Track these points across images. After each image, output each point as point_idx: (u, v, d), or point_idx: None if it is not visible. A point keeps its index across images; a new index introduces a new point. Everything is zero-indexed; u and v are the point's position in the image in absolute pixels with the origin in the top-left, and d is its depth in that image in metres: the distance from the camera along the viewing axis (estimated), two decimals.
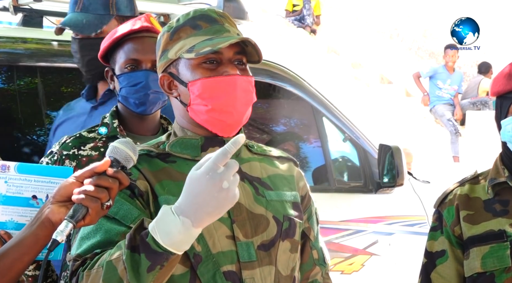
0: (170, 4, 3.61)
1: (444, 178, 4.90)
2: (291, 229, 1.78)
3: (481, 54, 11.43)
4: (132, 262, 1.48)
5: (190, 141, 1.75)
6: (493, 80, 2.17)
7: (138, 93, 2.39)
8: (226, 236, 1.68)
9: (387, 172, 4.06)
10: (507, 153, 2.15)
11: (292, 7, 12.69)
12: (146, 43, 2.41)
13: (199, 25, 1.74)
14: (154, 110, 2.43)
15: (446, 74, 10.19)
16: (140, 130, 2.47)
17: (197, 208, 1.45)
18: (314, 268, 1.88)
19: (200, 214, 1.45)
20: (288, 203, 1.81)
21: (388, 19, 13.25)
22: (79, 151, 2.39)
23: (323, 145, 4.16)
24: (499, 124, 2.14)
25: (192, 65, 1.71)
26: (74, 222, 1.47)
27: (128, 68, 2.41)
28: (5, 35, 3.11)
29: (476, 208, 2.14)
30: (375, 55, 12.62)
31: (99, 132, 2.43)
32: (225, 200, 1.44)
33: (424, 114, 10.96)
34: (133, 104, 2.41)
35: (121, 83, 2.41)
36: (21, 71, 3.08)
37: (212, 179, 1.44)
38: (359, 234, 4.10)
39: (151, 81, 2.39)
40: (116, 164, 1.52)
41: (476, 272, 2.09)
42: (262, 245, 1.71)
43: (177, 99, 1.76)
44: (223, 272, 1.65)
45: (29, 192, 1.78)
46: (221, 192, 1.44)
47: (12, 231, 1.77)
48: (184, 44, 1.73)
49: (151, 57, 2.40)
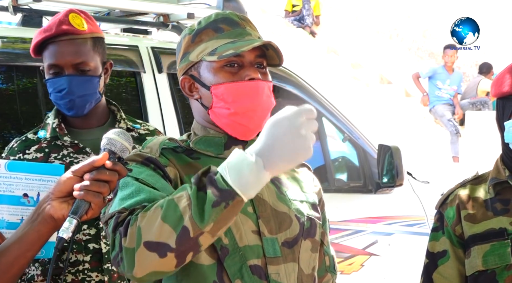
0: (170, 4, 3.61)
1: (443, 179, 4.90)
2: (312, 228, 1.80)
3: (481, 54, 11.43)
4: (198, 198, 1.46)
5: (214, 139, 1.76)
6: (495, 81, 2.16)
7: (64, 99, 2.37)
8: (252, 231, 1.68)
9: (387, 172, 4.06)
10: (509, 154, 2.15)
11: (291, 7, 12.69)
12: (63, 47, 2.37)
13: (221, 28, 1.75)
14: (86, 111, 2.40)
15: (445, 74, 10.19)
16: (84, 125, 2.46)
17: (271, 150, 1.44)
18: (326, 275, 1.90)
19: (274, 156, 1.44)
20: (308, 204, 1.83)
21: (388, 19, 13.25)
22: (24, 155, 2.37)
23: (322, 145, 4.16)
24: (500, 125, 2.14)
25: (214, 68, 1.72)
26: (78, 218, 1.47)
27: (51, 74, 2.38)
28: (5, 35, 3.10)
29: (477, 207, 2.14)
30: (375, 55, 12.61)
31: (38, 136, 2.42)
32: (300, 148, 1.43)
33: (423, 114, 10.96)
34: (64, 108, 2.40)
35: (48, 88, 2.40)
36: (21, 71, 3.08)
37: (292, 124, 1.43)
38: (359, 234, 4.10)
39: (75, 86, 2.35)
40: (112, 156, 1.52)
41: (477, 270, 2.09)
42: (286, 242, 1.72)
43: (198, 101, 1.77)
44: (249, 265, 1.66)
45: (20, 190, 1.77)
46: (298, 138, 1.43)
47: (3, 230, 1.76)
48: (206, 46, 1.73)
49: (72, 61, 2.36)
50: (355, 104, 10.15)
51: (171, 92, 3.35)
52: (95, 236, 2.36)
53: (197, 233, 1.46)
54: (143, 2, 3.51)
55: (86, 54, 2.39)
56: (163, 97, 3.31)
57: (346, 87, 11.18)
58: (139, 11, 3.60)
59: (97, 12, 3.58)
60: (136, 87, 3.29)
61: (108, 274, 2.37)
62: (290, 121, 1.44)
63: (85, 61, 2.38)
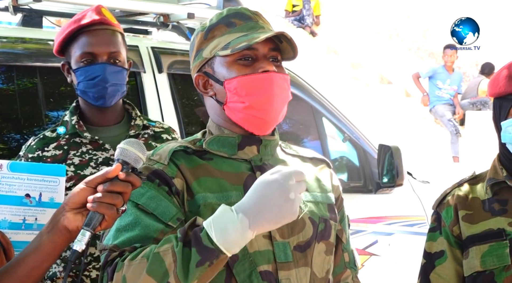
0: (170, 4, 3.61)
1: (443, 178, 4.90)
2: (326, 231, 1.78)
3: (481, 54, 11.43)
4: (183, 255, 1.46)
5: (227, 139, 1.74)
6: (491, 81, 2.17)
7: (96, 86, 2.38)
8: (263, 236, 1.66)
9: (387, 172, 4.06)
10: (506, 154, 2.14)
11: (291, 7, 12.69)
12: (100, 36, 2.40)
13: (233, 23, 1.73)
14: (114, 102, 2.43)
15: (445, 74, 10.19)
16: (102, 122, 2.48)
17: (258, 211, 1.44)
18: (345, 271, 1.88)
19: (260, 217, 1.44)
20: (323, 205, 1.80)
21: (388, 19, 13.25)
22: (43, 152, 2.39)
23: (323, 145, 4.16)
24: (497, 125, 2.14)
25: (228, 62, 1.71)
26: (92, 230, 1.47)
27: (84, 62, 2.39)
28: (5, 35, 3.10)
29: (475, 207, 2.14)
30: (375, 55, 12.61)
31: (57, 132, 2.44)
32: (287, 211, 1.44)
33: (423, 114, 10.96)
34: (92, 97, 2.41)
35: (78, 77, 2.40)
36: (21, 71, 3.08)
37: (282, 187, 1.44)
38: (359, 234, 4.10)
39: (109, 74, 2.38)
40: (126, 167, 1.51)
41: (475, 271, 2.09)
42: (298, 246, 1.70)
43: (212, 98, 1.75)
44: (259, 271, 1.64)
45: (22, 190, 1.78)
46: (286, 202, 1.44)
47: (6, 230, 1.76)
48: (219, 42, 1.72)
49: (107, 50, 2.39)
50: (355, 104, 10.15)
51: (171, 92, 3.35)
52: None
53: None
54: (143, 2, 3.51)
55: (118, 45, 2.43)
56: (163, 97, 3.31)
57: (346, 87, 11.18)
58: (139, 11, 3.60)
59: None
60: (136, 87, 3.29)
61: None
62: (280, 184, 1.44)
63: (119, 51, 2.42)
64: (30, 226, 1.80)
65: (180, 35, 3.78)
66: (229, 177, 1.69)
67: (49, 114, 3.10)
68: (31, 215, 1.79)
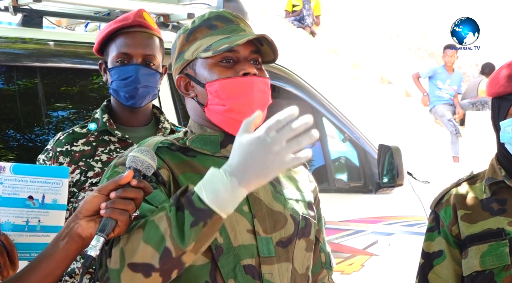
0: (170, 4, 3.62)
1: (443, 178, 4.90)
2: (307, 228, 1.80)
3: (481, 54, 11.43)
4: (177, 219, 1.48)
5: (210, 137, 1.77)
6: (490, 81, 2.16)
7: (128, 86, 2.43)
8: (247, 230, 1.69)
9: (387, 172, 4.06)
10: (504, 154, 2.14)
11: (291, 7, 12.69)
12: (137, 38, 2.45)
13: (215, 25, 1.76)
14: (144, 103, 2.48)
15: (445, 74, 10.19)
16: (132, 122, 2.52)
17: (245, 168, 1.45)
18: (322, 271, 1.91)
19: (248, 174, 1.45)
20: (303, 203, 1.83)
21: (388, 19, 13.25)
22: (72, 147, 2.43)
23: (323, 145, 4.16)
24: (496, 124, 2.14)
25: (209, 65, 1.73)
26: (105, 236, 1.50)
27: (119, 62, 2.44)
28: (5, 35, 3.10)
29: (474, 207, 2.14)
30: (375, 55, 12.61)
31: (89, 128, 2.48)
32: (273, 164, 1.44)
33: (424, 114, 10.96)
34: (123, 97, 2.45)
35: (112, 76, 2.45)
36: (21, 71, 3.08)
37: (263, 142, 1.44)
38: (359, 234, 4.10)
39: (141, 75, 2.43)
40: (137, 174, 1.54)
41: (475, 271, 2.09)
42: (280, 242, 1.73)
43: (193, 99, 1.78)
44: (243, 265, 1.66)
45: (25, 192, 1.78)
46: (270, 155, 1.43)
47: (9, 232, 1.77)
48: (200, 44, 1.74)
49: (142, 52, 2.44)
50: (355, 104, 10.14)
51: (171, 92, 3.36)
52: None
53: (179, 253, 1.48)
54: (143, 2, 3.51)
55: (155, 49, 2.49)
56: (163, 97, 3.31)
57: (346, 87, 11.18)
58: None
59: (97, 12, 3.59)
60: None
61: None
62: (260, 140, 1.44)
63: (154, 55, 2.48)
64: (33, 228, 1.80)
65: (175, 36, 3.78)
66: None
67: (49, 114, 3.10)
68: (34, 217, 1.80)
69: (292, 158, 1.43)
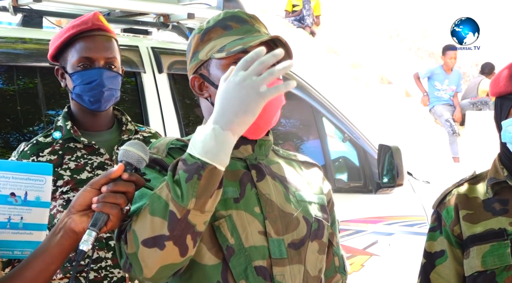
0: (170, 4, 3.62)
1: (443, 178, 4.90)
2: (319, 230, 1.79)
3: (481, 54, 11.43)
4: (174, 181, 1.49)
5: None
6: (493, 81, 2.17)
7: (93, 90, 2.42)
8: (258, 232, 1.68)
9: (387, 172, 4.06)
10: (506, 154, 2.14)
11: (291, 7, 12.69)
12: (98, 42, 2.44)
13: (229, 26, 1.76)
14: (108, 106, 2.47)
15: (443, 75, 10.16)
16: (95, 127, 2.51)
17: (223, 111, 1.46)
18: (336, 275, 1.90)
19: (227, 115, 1.46)
20: (316, 205, 1.83)
21: (388, 19, 13.25)
22: (38, 157, 2.41)
23: (323, 145, 4.16)
24: (499, 124, 2.14)
25: (223, 65, 1.72)
26: (97, 230, 1.50)
27: (81, 66, 2.43)
28: (5, 35, 3.10)
29: (476, 207, 2.14)
30: (375, 55, 12.61)
31: (53, 137, 2.46)
32: (247, 97, 1.45)
33: (423, 114, 10.95)
34: (88, 101, 2.44)
35: (75, 81, 2.43)
36: (21, 71, 3.08)
37: (232, 82, 1.46)
38: (359, 235, 4.10)
39: (105, 78, 2.42)
40: (129, 167, 1.54)
41: (476, 271, 2.09)
42: (292, 244, 1.72)
43: (207, 100, 1.77)
44: (254, 267, 1.66)
45: (7, 189, 1.76)
46: (242, 91, 1.44)
47: None
48: (215, 44, 1.74)
49: (104, 55, 2.44)
50: (355, 104, 10.14)
51: (171, 92, 3.36)
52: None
53: (183, 212, 1.48)
54: (143, 2, 3.51)
55: (115, 51, 2.48)
56: (163, 97, 3.31)
57: (346, 87, 11.18)
58: (139, 11, 3.60)
59: None
60: (137, 87, 3.29)
61: None
62: (230, 81, 1.47)
63: (115, 57, 2.47)
64: (16, 225, 1.78)
65: (180, 35, 3.78)
66: (225, 174, 1.70)
67: (49, 114, 3.10)
68: (16, 214, 1.78)
69: (268, 89, 1.44)
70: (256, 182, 1.74)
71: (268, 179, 1.76)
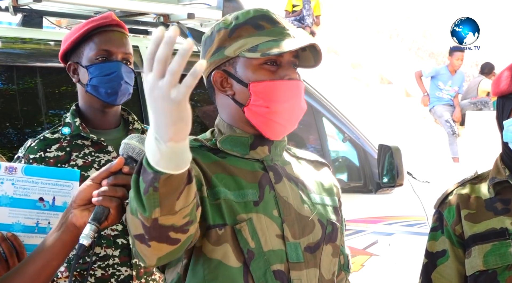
0: (170, 4, 3.62)
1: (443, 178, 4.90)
2: (333, 233, 1.79)
3: (481, 54, 11.43)
4: (136, 187, 1.40)
5: (240, 139, 1.74)
6: (495, 80, 2.17)
7: (111, 82, 2.42)
8: (276, 235, 1.68)
9: (387, 172, 4.06)
10: (508, 153, 2.14)
11: (291, 7, 12.68)
12: (117, 36, 2.47)
13: (261, 25, 1.72)
14: (123, 101, 2.48)
15: (448, 75, 10.16)
16: (103, 125, 2.51)
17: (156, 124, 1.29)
18: (340, 273, 1.89)
19: (162, 128, 1.28)
20: (329, 207, 1.82)
21: (388, 19, 13.25)
22: (46, 153, 2.41)
23: (323, 145, 4.16)
24: (500, 124, 2.14)
25: (254, 65, 1.70)
26: (98, 224, 1.50)
27: (99, 58, 2.44)
28: (5, 35, 3.10)
29: (477, 207, 2.14)
30: (375, 55, 12.62)
31: (62, 132, 2.45)
32: (164, 108, 1.26)
33: (424, 114, 10.96)
34: (104, 93, 2.44)
35: (92, 73, 2.43)
36: (21, 71, 3.08)
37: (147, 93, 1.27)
38: (359, 234, 4.10)
39: (124, 72, 2.44)
40: (130, 161, 1.54)
41: (478, 270, 2.09)
42: (308, 247, 1.72)
43: (229, 97, 1.73)
44: (273, 270, 1.65)
45: (36, 194, 1.79)
46: (156, 103, 1.26)
47: (19, 233, 1.78)
48: (245, 43, 1.70)
49: (122, 50, 2.46)
50: (355, 104, 10.15)
51: None
52: (122, 232, 2.39)
53: (150, 221, 1.39)
54: (143, 2, 3.51)
55: (131, 49, 2.52)
56: None
57: (346, 87, 11.18)
58: (139, 11, 3.60)
59: (97, 12, 3.59)
60: (137, 87, 3.29)
61: (136, 269, 2.41)
62: (145, 92, 1.27)
63: (131, 55, 2.51)
64: (43, 229, 1.80)
65: (180, 35, 3.78)
66: (245, 175, 1.71)
67: (49, 114, 3.10)
68: (44, 219, 1.80)
69: (177, 91, 1.24)
70: (274, 184, 1.73)
71: (285, 181, 1.75)
